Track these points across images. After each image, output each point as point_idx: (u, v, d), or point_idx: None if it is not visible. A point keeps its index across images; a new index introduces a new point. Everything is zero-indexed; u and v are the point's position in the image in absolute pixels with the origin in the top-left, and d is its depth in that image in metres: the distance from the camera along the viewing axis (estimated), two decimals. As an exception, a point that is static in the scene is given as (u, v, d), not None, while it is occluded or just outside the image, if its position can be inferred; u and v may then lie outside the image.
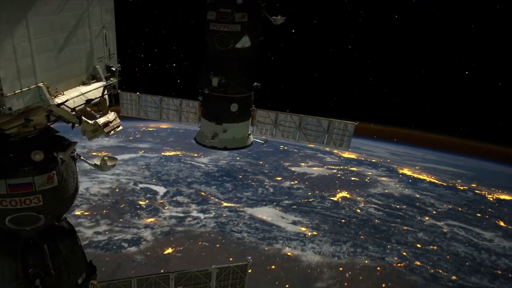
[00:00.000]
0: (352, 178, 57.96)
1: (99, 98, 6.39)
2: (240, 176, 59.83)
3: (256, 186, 57.33)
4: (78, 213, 48.51)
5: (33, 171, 6.02)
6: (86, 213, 49.16)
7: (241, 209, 50.89)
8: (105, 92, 6.49)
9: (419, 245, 43.54)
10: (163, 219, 48.46)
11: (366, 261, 40.39)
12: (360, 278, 38.08)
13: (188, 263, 39.30)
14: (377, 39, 67.88)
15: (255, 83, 12.09)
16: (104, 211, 49.79)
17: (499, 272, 39.85)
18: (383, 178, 58.38)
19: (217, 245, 43.20)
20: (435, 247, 43.25)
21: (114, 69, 6.71)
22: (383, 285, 37.24)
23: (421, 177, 59.30)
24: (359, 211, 49.70)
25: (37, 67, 5.31)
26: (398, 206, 51.27)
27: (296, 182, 58.20)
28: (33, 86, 5.28)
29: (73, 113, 5.84)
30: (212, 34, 11.10)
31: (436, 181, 57.89)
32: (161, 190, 55.83)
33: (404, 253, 42.02)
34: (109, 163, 7.04)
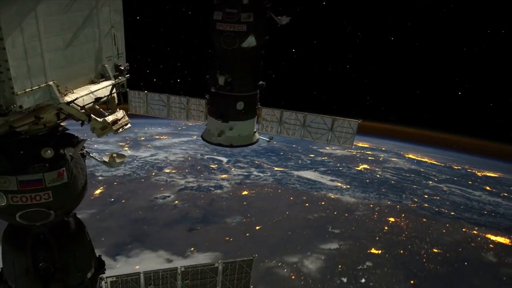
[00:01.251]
0: (369, 158, 68.76)
1: (107, 97, 5.94)
2: (281, 153, 69.53)
3: (295, 159, 67.73)
4: (167, 171, 60.62)
5: (43, 167, 5.55)
6: (173, 171, 60.61)
7: (289, 171, 61.75)
8: (114, 91, 6.02)
9: (426, 196, 55.13)
10: (233, 176, 59.38)
11: (389, 202, 52.56)
12: (386, 211, 50.14)
13: (262, 199, 51.93)
14: (373, 59, 75.43)
15: (260, 82, 11.33)
16: (186, 170, 61.20)
17: (485, 212, 51.47)
18: (393, 159, 68.69)
19: (279, 191, 55.07)
20: (438, 197, 54.90)
21: (122, 68, 6.20)
22: (403, 215, 48.75)
23: (423, 159, 69.10)
24: (378, 176, 60.92)
25: (47, 66, 4.92)
26: (407, 175, 62.01)
27: (325, 158, 69.01)
28: (43, 85, 4.90)
29: (83, 111, 5.42)
30: (219, 33, 10.35)
31: (436, 162, 68.03)
32: (223, 159, 65.82)
33: (416, 199, 53.69)
34: (117, 160, 6.68)
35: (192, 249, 40.19)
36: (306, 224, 45.30)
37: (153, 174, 58.00)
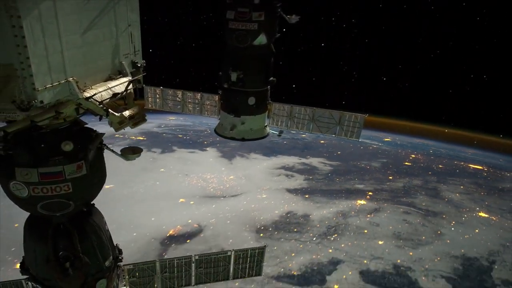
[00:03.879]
0: (389, 136, 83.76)
1: (125, 92, 5.84)
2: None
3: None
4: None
5: (63, 160, 5.52)
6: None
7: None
8: (131, 87, 5.93)
9: (431, 151, 75.96)
10: (308, 136, 75.26)
11: (409, 150, 74.50)
12: (408, 153, 72.59)
13: (333, 143, 72.81)
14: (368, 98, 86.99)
15: (271, 78, 11.18)
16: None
17: (469, 158, 72.96)
18: (405, 139, 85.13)
19: (341, 142, 71.94)
20: (439, 152, 75.24)
21: (139, 65, 6.14)
22: (419, 155, 71.95)
23: (426, 142, 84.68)
24: (398, 143, 79.88)
25: (67, 63, 4.86)
26: (417, 143, 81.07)
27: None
28: (63, 81, 4.85)
29: (101, 106, 5.36)
30: (231, 32, 10.18)
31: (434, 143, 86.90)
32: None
33: (425, 152, 74.20)
34: (134, 154, 6.45)
35: (308, 156, 65.72)
36: (365, 153, 69.87)
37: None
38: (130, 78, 5.82)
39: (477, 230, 42.62)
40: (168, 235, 39.02)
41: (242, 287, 32.38)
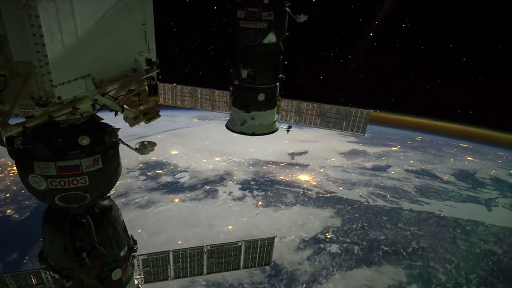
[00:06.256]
0: (397, 130, 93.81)
1: (139, 89, 5.76)
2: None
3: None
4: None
5: (80, 154, 5.50)
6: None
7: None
8: (145, 83, 5.85)
9: (432, 136, 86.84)
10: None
11: (417, 134, 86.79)
12: (416, 135, 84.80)
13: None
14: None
15: (280, 75, 11.19)
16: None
17: (459, 141, 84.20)
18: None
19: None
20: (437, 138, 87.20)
21: (153, 62, 6.02)
22: (425, 138, 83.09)
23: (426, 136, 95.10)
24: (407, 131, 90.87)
25: (84, 60, 4.79)
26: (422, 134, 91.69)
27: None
28: (80, 78, 4.77)
29: (116, 102, 5.31)
30: (242, 31, 10.22)
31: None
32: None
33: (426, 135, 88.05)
34: (148, 147, 6.37)
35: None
36: (385, 132, 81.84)
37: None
38: (145, 75, 5.72)
39: (466, 162, 69.69)
40: (289, 152, 67.26)
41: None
